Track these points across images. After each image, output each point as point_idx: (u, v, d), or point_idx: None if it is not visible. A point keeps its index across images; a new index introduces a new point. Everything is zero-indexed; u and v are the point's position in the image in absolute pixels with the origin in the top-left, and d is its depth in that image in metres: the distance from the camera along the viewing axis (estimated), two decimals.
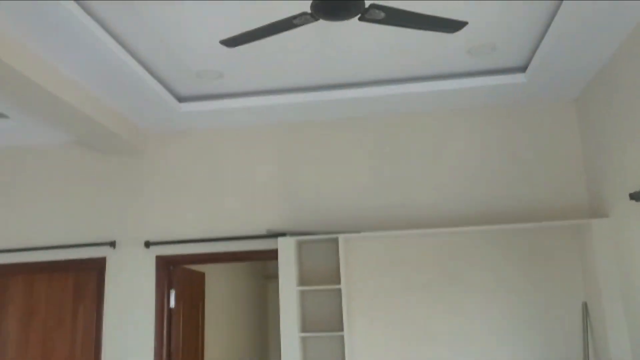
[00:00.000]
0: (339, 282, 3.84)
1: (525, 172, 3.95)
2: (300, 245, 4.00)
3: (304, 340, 3.81)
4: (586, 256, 3.66)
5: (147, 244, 4.16)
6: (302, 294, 3.89)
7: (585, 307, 3.68)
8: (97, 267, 4.20)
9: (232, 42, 2.65)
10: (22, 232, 4.32)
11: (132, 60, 3.26)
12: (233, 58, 3.41)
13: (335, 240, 3.97)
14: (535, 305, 3.74)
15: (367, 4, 2.34)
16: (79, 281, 4.24)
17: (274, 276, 7.80)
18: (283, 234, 4.00)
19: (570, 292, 3.73)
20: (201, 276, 5.03)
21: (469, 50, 3.42)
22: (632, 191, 3.09)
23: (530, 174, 3.95)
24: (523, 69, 3.67)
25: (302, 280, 3.92)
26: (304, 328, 3.82)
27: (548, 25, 3.11)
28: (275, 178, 4.21)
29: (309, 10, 2.39)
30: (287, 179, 4.19)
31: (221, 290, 5.65)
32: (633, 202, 3.07)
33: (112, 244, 4.19)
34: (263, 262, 7.62)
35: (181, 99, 3.96)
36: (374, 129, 4.18)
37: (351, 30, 3.14)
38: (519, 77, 3.69)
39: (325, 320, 3.91)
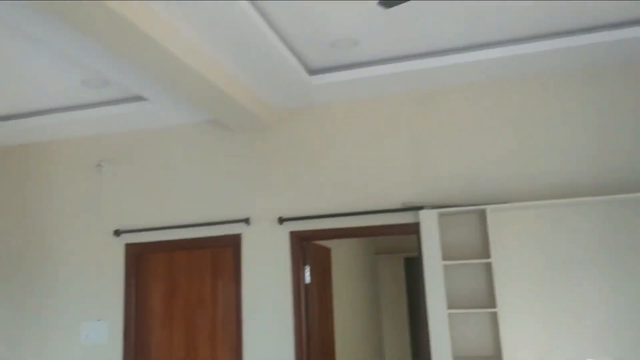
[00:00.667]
0: (485, 256, 3.62)
1: None
2: (440, 219, 3.81)
3: (450, 317, 3.64)
4: None
5: (281, 220, 4.14)
6: (446, 269, 3.71)
7: None
8: (232, 244, 4.24)
9: (389, 3, 2.48)
10: (162, 211, 4.44)
11: (270, 32, 3.17)
12: (370, 23, 3.23)
13: (478, 213, 3.74)
14: None
15: None
16: (216, 258, 4.30)
17: (383, 252, 7.69)
18: (420, 207, 3.82)
19: None
20: (328, 252, 4.99)
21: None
22: None
23: None
24: None
25: (445, 255, 3.73)
26: (449, 305, 3.65)
27: None
28: (408, 149, 4.02)
29: None
30: (421, 150, 3.99)
31: (342, 266, 5.59)
32: None
33: (247, 221, 4.20)
34: (373, 238, 7.51)
35: (311, 71, 3.85)
36: (518, 92, 3.87)
37: None
38: None
39: (470, 296, 3.72)
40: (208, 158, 4.44)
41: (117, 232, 4.45)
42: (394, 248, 7.70)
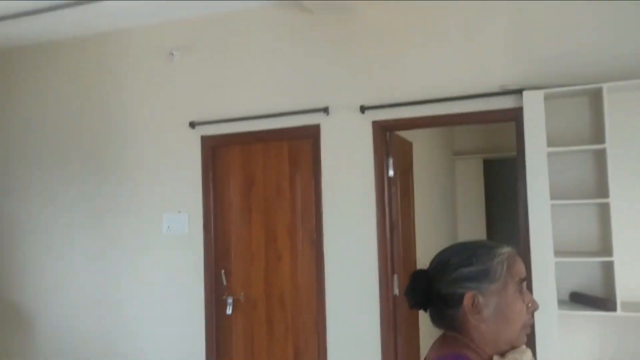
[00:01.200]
0: (598, 142, 3.20)
1: None
2: (545, 103, 3.37)
3: (554, 208, 3.31)
4: None
5: (362, 109, 3.84)
6: (551, 157, 3.33)
7: None
8: (311, 135, 4.01)
9: None
10: (237, 101, 4.24)
11: None
12: None
13: (590, 93, 3.27)
14: None
15: None
16: (294, 150, 4.10)
17: (461, 153, 7.30)
18: (520, 90, 3.39)
19: None
20: (410, 146, 4.69)
21: None
22: None
23: None
24: None
25: (550, 143, 3.33)
26: (552, 196, 3.30)
27: None
28: (507, 26, 3.54)
29: None
30: (521, 27, 3.49)
31: (423, 163, 5.29)
32: None
33: (326, 110, 3.93)
34: (451, 138, 7.11)
35: None
36: None
37: None
38: None
39: (576, 187, 3.35)
40: (285, 43, 4.12)
41: (192, 124, 4.31)
42: (473, 149, 7.28)
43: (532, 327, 3.18)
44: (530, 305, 1.32)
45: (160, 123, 4.46)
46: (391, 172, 3.93)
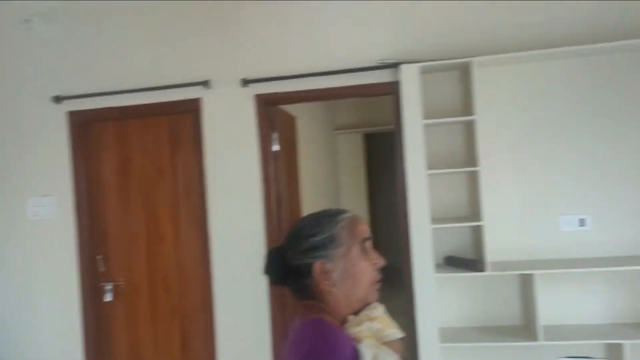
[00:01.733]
0: (468, 114, 3.41)
1: None
2: (421, 77, 3.51)
3: (429, 178, 3.49)
4: None
5: (245, 82, 3.74)
6: (427, 129, 3.49)
7: None
8: (191, 109, 3.84)
9: None
10: (108, 73, 3.93)
11: None
12: None
13: (461, 66, 3.46)
14: None
15: None
16: (174, 125, 3.91)
17: (342, 127, 7.46)
18: (398, 64, 3.50)
19: None
20: (293, 120, 4.68)
21: None
22: None
23: None
24: None
25: (426, 115, 3.49)
26: (429, 166, 3.48)
27: None
28: (385, 2, 3.62)
29: None
30: (398, 2, 3.60)
31: (306, 137, 5.32)
32: None
33: (206, 84, 3.78)
34: (332, 113, 7.23)
35: None
36: None
37: None
38: None
39: (450, 157, 3.56)
40: (163, 13, 3.88)
41: (58, 99, 3.94)
42: (353, 124, 7.47)
43: (410, 289, 3.36)
44: (375, 262, 1.38)
45: (18, 98, 4.03)
46: (276, 147, 3.90)
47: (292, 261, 1.37)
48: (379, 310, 1.35)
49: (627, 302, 3.38)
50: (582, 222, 3.41)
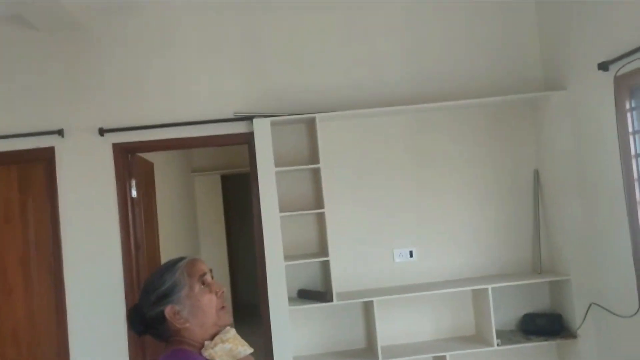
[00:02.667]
0: (314, 163, 3.85)
1: (485, 48, 4.08)
2: (272, 128, 3.89)
3: (282, 220, 3.85)
4: (541, 127, 3.97)
5: (102, 131, 3.83)
6: (279, 175, 3.86)
7: (536, 174, 4.05)
8: (44, 158, 3.82)
9: None
10: None
11: None
12: None
13: (307, 120, 3.92)
14: (492, 175, 4.05)
15: None
16: (25, 174, 3.85)
17: (200, 170, 7.63)
18: (252, 117, 3.86)
19: (524, 161, 4.07)
20: (151, 166, 4.79)
21: None
22: (599, 61, 3.32)
23: (490, 50, 4.08)
24: None
25: (277, 163, 3.86)
26: (281, 209, 3.84)
27: None
28: (240, 59, 3.98)
29: None
30: (254, 60, 3.98)
31: (164, 182, 5.43)
32: (600, 72, 3.32)
33: (60, 132, 3.80)
34: (189, 156, 7.37)
35: None
36: (345, 7, 4.04)
37: None
38: None
39: (300, 200, 3.96)
40: (9, 60, 3.84)
41: None
42: (211, 166, 7.67)
43: (267, 322, 3.64)
44: (217, 291, 1.64)
45: None
46: (134, 193, 4.00)
47: (148, 313, 1.58)
48: (230, 333, 1.62)
49: (449, 320, 4.00)
50: (411, 254, 3.99)
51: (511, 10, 4.10)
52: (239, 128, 3.94)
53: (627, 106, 3.18)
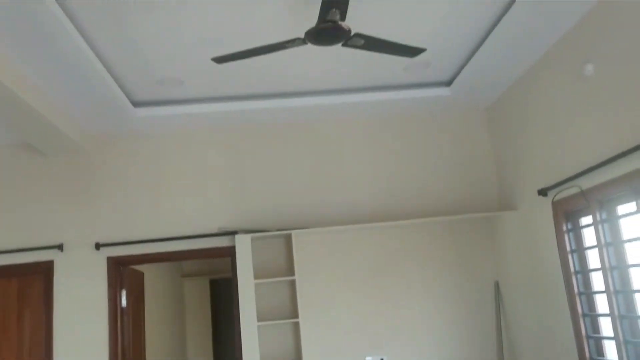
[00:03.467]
0: (290, 275, 4.20)
1: (445, 172, 4.58)
2: (252, 242, 4.29)
3: (260, 328, 4.12)
4: (498, 243, 4.39)
5: (98, 246, 4.21)
6: (258, 285, 4.19)
7: (497, 285, 4.40)
8: (43, 271, 4.16)
9: (223, 59, 2.92)
10: None
11: (95, 59, 3.26)
12: (194, 66, 3.60)
13: (285, 236, 4.32)
14: (455, 287, 4.39)
15: (352, 33, 2.73)
16: (24, 285, 4.17)
17: (189, 274, 7.91)
18: (234, 232, 4.26)
19: (485, 274, 4.43)
20: (142, 275, 5.11)
21: (406, 68, 3.93)
22: (539, 188, 3.80)
23: (449, 174, 4.58)
24: (448, 83, 4.27)
25: (257, 274, 4.21)
26: (259, 318, 4.13)
27: (476, 49, 3.70)
28: (225, 180, 4.45)
29: (301, 37, 2.73)
30: (236, 181, 4.45)
31: (154, 289, 5.72)
32: (540, 197, 3.79)
33: (60, 247, 4.17)
34: (179, 262, 7.68)
35: (136, 103, 4.05)
36: (316, 133, 4.59)
37: (304, 50, 3.45)
38: (444, 91, 4.29)
39: (277, 310, 4.26)
40: (18, 181, 4.30)
41: None
42: (200, 271, 7.96)
43: None
44: None
45: None
46: (124, 303, 4.30)
47: None
48: None
49: None
50: None
51: (470, 141, 4.65)
52: (223, 242, 4.33)
53: (564, 228, 3.61)
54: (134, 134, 4.45)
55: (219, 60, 2.91)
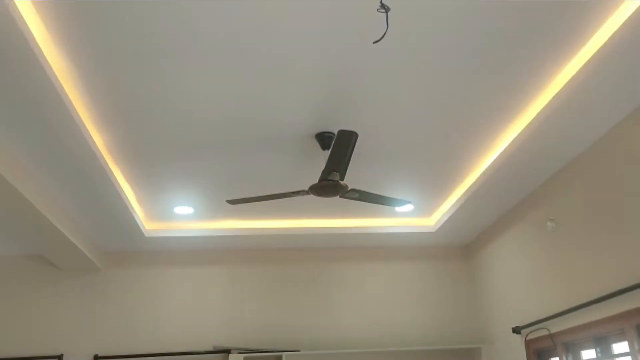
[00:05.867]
0: None
1: (429, 304, 4.91)
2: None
3: None
4: None
5: (97, 358, 4.40)
6: None
7: None
8: None
9: (236, 201, 3.36)
10: None
11: (118, 185, 3.56)
12: (207, 202, 4.05)
13: (275, 358, 4.54)
14: None
15: (348, 188, 3.20)
16: None
17: None
18: (228, 350, 4.49)
19: None
20: None
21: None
22: (513, 326, 4.14)
23: (433, 306, 4.91)
24: (433, 227, 4.74)
25: None
26: None
27: (462, 203, 4.20)
28: (223, 299, 4.75)
29: (306, 189, 3.20)
30: (234, 300, 4.75)
31: None
32: (514, 334, 4.11)
33: (60, 357, 4.36)
34: None
35: (147, 223, 4.45)
36: (311, 258, 4.96)
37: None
38: (427, 228, 4.74)
39: None
40: (26, 290, 4.57)
41: None
42: None
43: None
44: None
45: None
46: None
47: None
48: None
49: None
50: None
51: (452, 275, 5.04)
52: (217, 359, 4.54)
53: None
54: (140, 252, 4.80)
55: (233, 202, 3.36)
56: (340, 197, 3.28)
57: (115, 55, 2.43)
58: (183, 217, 4.34)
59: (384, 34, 1.79)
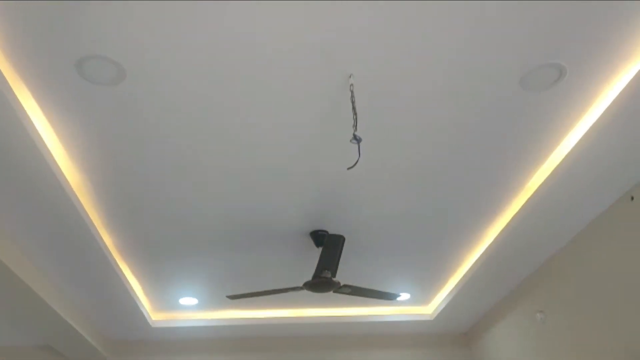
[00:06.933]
0: None
1: None
2: None
3: None
4: None
5: None
6: None
7: None
8: None
9: (235, 297, 3.56)
10: None
11: (125, 279, 3.79)
12: (211, 296, 4.25)
13: None
14: None
15: (341, 284, 3.40)
16: None
17: None
18: None
19: None
20: None
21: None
22: None
23: None
24: (430, 315, 4.86)
25: None
26: None
27: (457, 293, 4.35)
28: None
29: (300, 285, 3.40)
30: None
31: None
32: None
33: None
34: None
35: (154, 314, 4.63)
36: (311, 347, 5.05)
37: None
38: (426, 317, 4.85)
39: None
40: None
41: None
42: None
43: None
44: None
45: None
46: None
47: None
48: None
49: None
50: None
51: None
52: None
53: None
54: (146, 341, 4.94)
55: (233, 297, 3.56)
56: (334, 292, 3.46)
57: (126, 176, 2.73)
58: (188, 307, 4.51)
59: (356, 162, 2.06)
